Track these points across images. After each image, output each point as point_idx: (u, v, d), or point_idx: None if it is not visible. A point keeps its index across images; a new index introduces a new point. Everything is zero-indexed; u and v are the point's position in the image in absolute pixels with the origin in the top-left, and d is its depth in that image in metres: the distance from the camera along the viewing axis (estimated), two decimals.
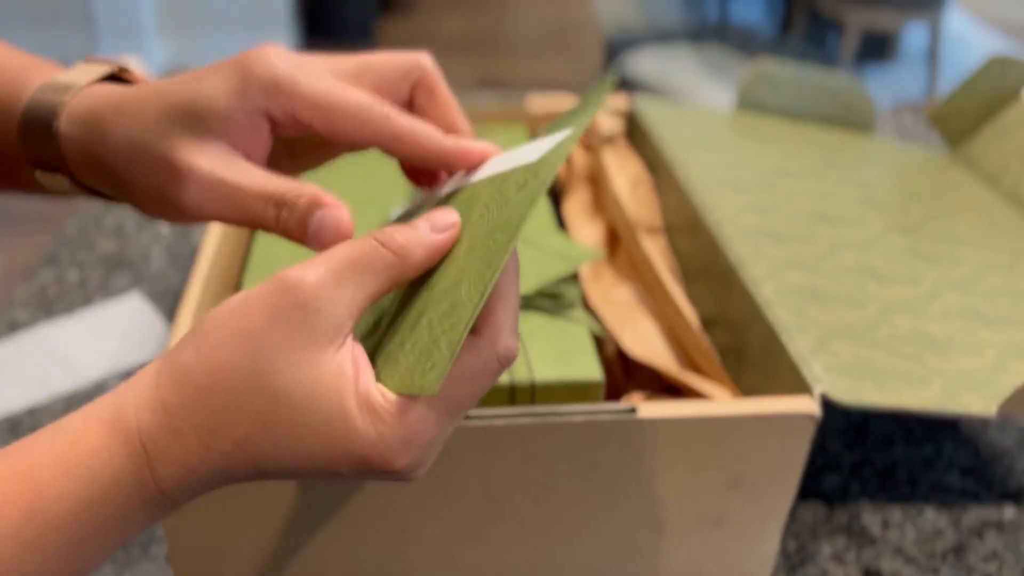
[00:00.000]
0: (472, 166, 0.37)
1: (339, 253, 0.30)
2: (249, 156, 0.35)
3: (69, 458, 0.28)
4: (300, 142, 0.40)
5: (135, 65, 0.39)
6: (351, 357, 0.30)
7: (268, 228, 0.34)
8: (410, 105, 0.38)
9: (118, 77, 0.39)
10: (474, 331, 0.31)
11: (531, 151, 0.36)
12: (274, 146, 0.37)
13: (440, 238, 0.32)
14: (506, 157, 0.37)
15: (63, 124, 0.36)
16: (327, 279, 0.29)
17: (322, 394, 0.29)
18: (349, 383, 0.29)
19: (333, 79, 0.35)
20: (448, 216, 0.33)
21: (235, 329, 0.29)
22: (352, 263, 0.30)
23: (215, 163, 0.34)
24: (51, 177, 0.38)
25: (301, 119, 0.34)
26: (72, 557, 0.29)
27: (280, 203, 0.34)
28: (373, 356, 0.32)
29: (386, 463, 0.30)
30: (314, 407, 0.29)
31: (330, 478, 0.31)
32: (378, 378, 0.31)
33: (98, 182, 0.37)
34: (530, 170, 0.34)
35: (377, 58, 0.38)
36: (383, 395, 0.30)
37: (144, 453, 0.29)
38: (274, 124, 0.35)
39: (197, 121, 0.34)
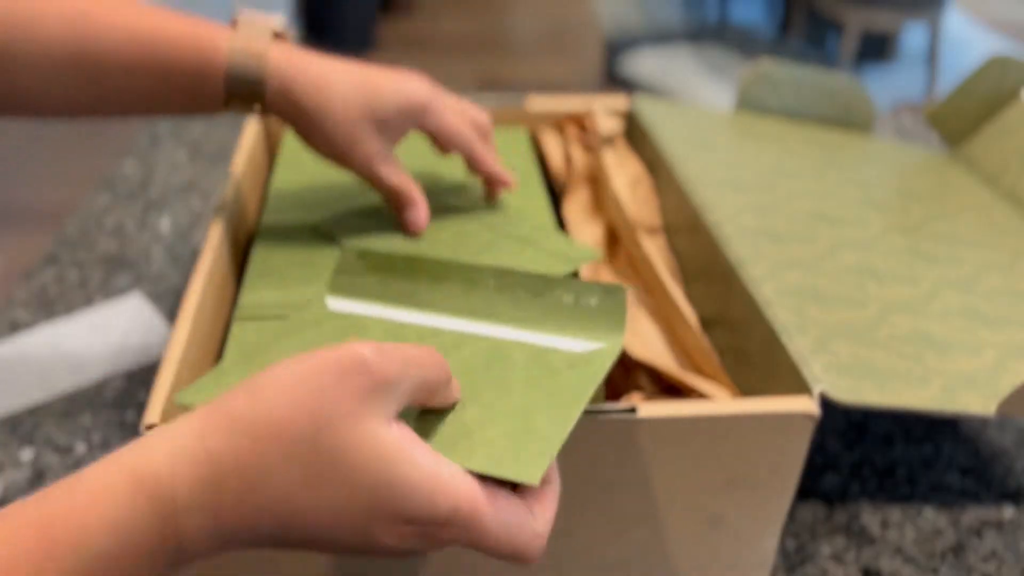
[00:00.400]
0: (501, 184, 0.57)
1: (408, 348, 0.32)
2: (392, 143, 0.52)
3: (88, 509, 0.28)
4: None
5: (281, 24, 0.51)
6: (404, 433, 0.30)
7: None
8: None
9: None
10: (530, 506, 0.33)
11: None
12: None
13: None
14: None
15: (267, 92, 0.49)
16: (397, 371, 0.31)
17: (391, 452, 0.29)
18: (409, 449, 0.30)
19: (454, 114, 0.54)
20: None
21: (300, 385, 0.29)
22: (417, 362, 0.32)
23: (378, 155, 0.51)
24: (244, 107, 0.50)
25: (435, 136, 0.54)
26: None
27: (396, 196, 0.53)
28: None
29: (444, 526, 0.30)
30: (379, 460, 0.29)
31: (355, 542, 0.30)
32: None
33: (286, 116, 0.50)
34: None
35: (383, 96, 0.51)
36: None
37: (172, 503, 0.28)
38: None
39: (381, 125, 0.51)
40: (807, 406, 0.42)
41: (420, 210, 0.54)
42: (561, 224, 0.63)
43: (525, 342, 0.40)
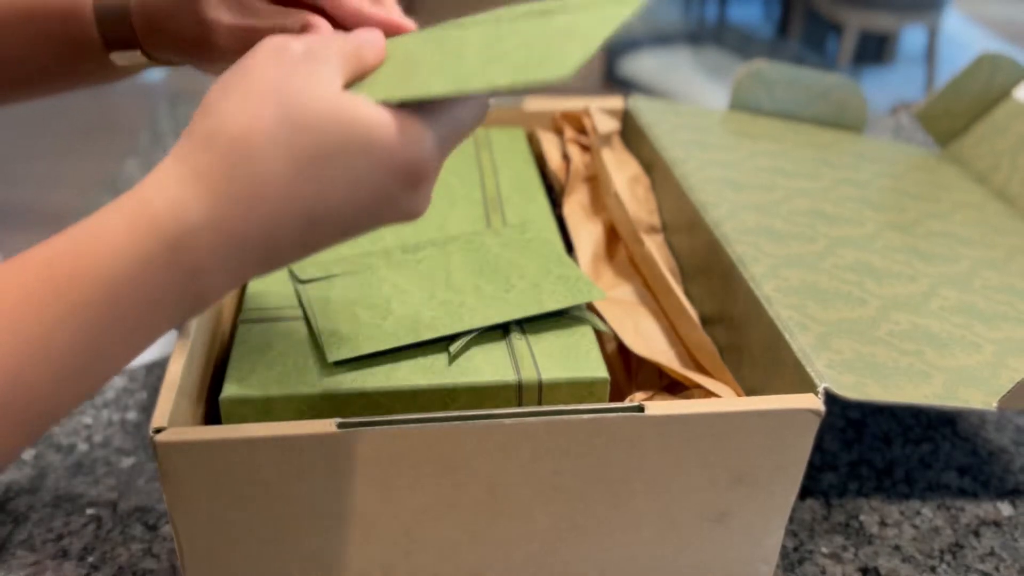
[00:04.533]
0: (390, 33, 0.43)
1: (316, 39, 0.33)
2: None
3: (90, 245, 0.28)
4: None
5: None
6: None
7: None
8: None
9: None
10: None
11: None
12: None
13: (377, 39, 0.36)
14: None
15: (134, 15, 0.45)
16: (313, 40, 0.32)
17: (361, 111, 0.30)
18: (376, 109, 0.30)
19: None
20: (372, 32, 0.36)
21: (243, 83, 0.30)
22: (326, 39, 0.33)
23: (234, 13, 0.43)
24: (127, 55, 0.46)
25: None
26: (99, 342, 0.28)
27: (283, 28, 0.42)
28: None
29: (427, 165, 0.31)
30: (352, 124, 0.29)
31: (376, 213, 0.31)
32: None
33: (161, 46, 0.46)
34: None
35: None
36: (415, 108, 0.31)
37: (174, 228, 0.28)
38: None
39: None
40: (812, 403, 0.42)
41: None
42: (561, 224, 0.64)
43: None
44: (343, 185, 0.30)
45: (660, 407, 0.41)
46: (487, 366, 0.44)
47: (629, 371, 0.54)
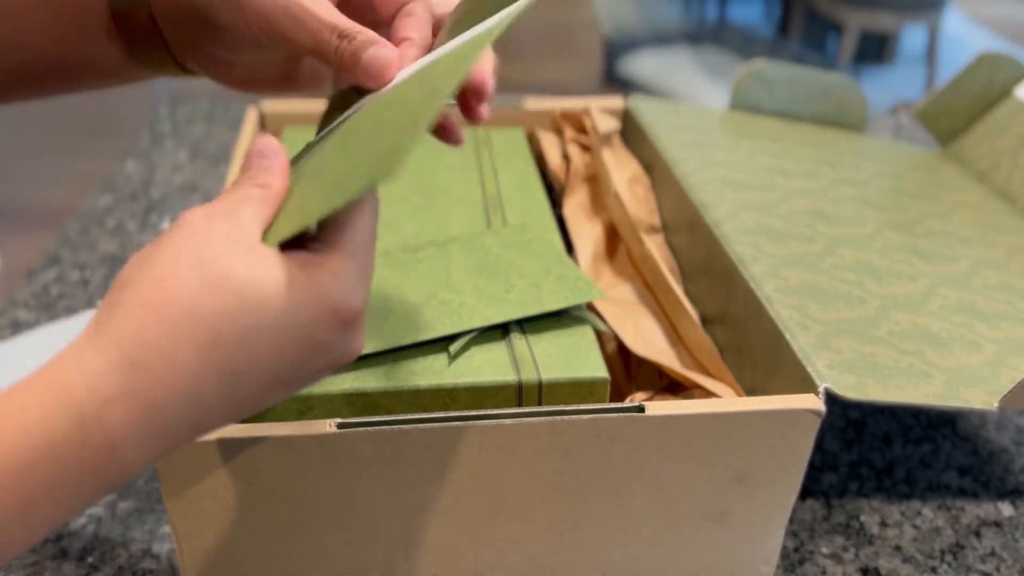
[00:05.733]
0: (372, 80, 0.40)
1: (224, 195, 0.33)
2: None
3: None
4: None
5: None
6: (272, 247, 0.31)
7: (326, 56, 0.39)
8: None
9: None
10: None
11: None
12: None
13: (279, 160, 0.35)
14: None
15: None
16: (224, 203, 0.31)
17: (274, 266, 0.30)
18: (290, 258, 0.30)
19: None
20: (264, 140, 0.35)
21: (165, 251, 0.30)
22: (237, 194, 0.32)
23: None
24: (148, 57, 0.43)
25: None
26: (17, 517, 0.27)
27: (343, 35, 0.38)
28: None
29: (351, 303, 0.31)
30: (271, 279, 0.29)
31: (304, 365, 0.31)
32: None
33: (187, 43, 0.42)
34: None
35: None
36: (322, 241, 0.32)
37: (89, 401, 0.27)
38: None
39: None
40: (812, 403, 0.42)
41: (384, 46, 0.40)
42: (561, 224, 0.63)
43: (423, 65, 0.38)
44: (268, 338, 0.29)
45: (660, 407, 0.41)
46: (487, 366, 0.44)
47: (629, 371, 0.54)
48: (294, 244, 0.32)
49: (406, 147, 0.30)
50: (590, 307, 0.53)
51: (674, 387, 0.52)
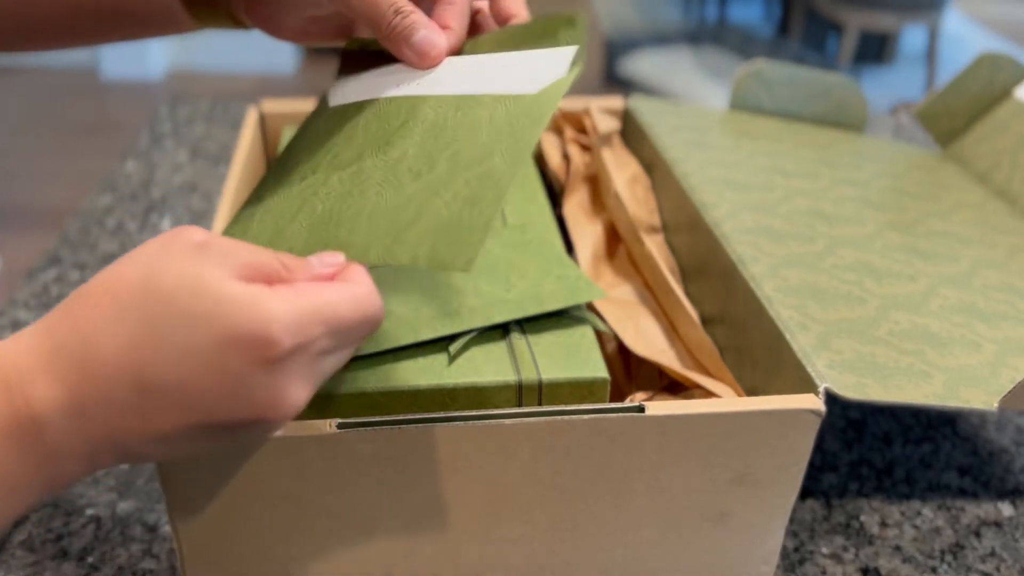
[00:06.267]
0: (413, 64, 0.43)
1: (244, 250, 0.32)
2: None
3: None
4: None
5: None
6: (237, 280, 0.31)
7: (378, 28, 0.40)
8: None
9: None
10: (356, 280, 0.33)
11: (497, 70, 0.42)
12: None
13: (325, 271, 0.35)
14: (466, 69, 0.42)
15: None
16: (221, 240, 0.31)
17: (209, 287, 0.29)
18: (237, 285, 0.30)
19: None
20: (335, 258, 0.35)
21: (127, 259, 0.30)
22: (249, 250, 0.32)
23: None
24: (203, 8, 0.44)
25: None
26: None
27: (399, 11, 0.40)
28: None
29: (276, 337, 0.29)
30: (200, 293, 0.29)
31: (217, 393, 0.29)
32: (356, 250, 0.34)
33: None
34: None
35: None
36: (287, 264, 0.32)
37: (14, 373, 0.28)
38: None
39: None
40: (813, 403, 0.42)
41: (434, 31, 0.42)
42: (561, 224, 0.63)
43: (459, 94, 0.40)
44: (177, 354, 0.29)
45: (660, 407, 0.41)
46: (487, 366, 0.44)
47: (629, 371, 0.54)
48: None
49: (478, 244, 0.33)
50: (590, 307, 0.53)
51: (674, 387, 0.52)
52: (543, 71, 0.40)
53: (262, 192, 0.44)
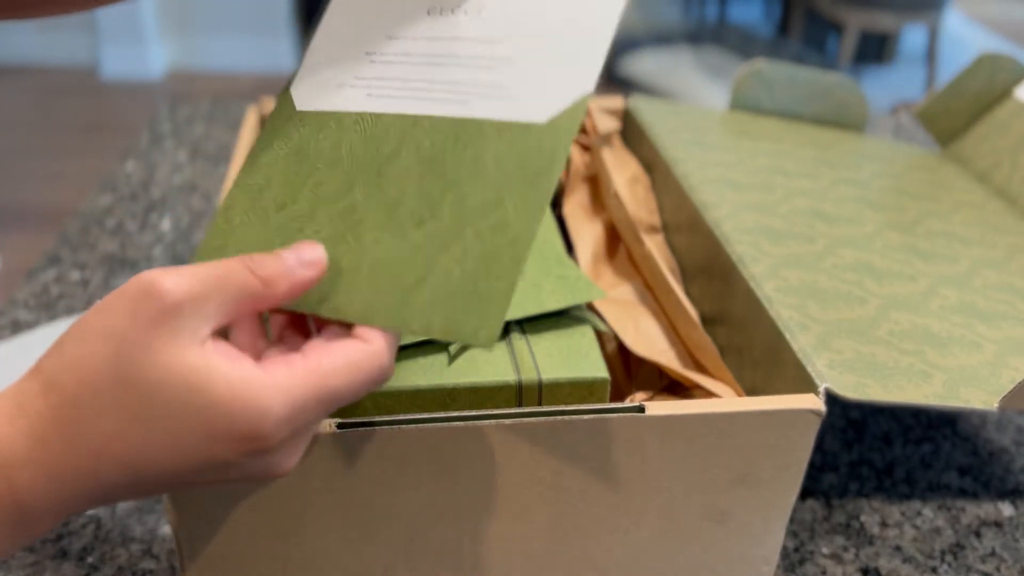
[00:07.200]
0: None
1: (208, 267, 0.31)
2: None
3: None
4: None
5: None
6: (220, 351, 0.30)
7: None
8: None
9: None
10: (366, 338, 0.32)
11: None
12: None
13: (306, 275, 0.33)
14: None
15: None
16: (192, 290, 0.30)
17: (195, 376, 0.29)
18: (223, 368, 0.29)
19: None
20: (315, 252, 0.34)
21: (97, 329, 0.29)
22: (218, 281, 0.31)
23: None
24: None
25: None
26: None
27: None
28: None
29: (268, 432, 0.29)
30: (188, 386, 0.29)
31: (209, 473, 0.30)
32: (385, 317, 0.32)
33: None
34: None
35: None
36: (284, 363, 0.30)
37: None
38: None
39: None
40: (813, 403, 0.42)
41: None
42: (561, 224, 0.63)
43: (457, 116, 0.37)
44: (167, 445, 0.29)
45: (660, 407, 0.41)
46: (487, 366, 0.44)
47: (629, 371, 0.54)
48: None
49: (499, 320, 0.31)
50: (590, 307, 0.53)
51: (674, 387, 0.52)
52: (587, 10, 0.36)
53: (239, 194, 0.40)
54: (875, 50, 3.19)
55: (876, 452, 0.60)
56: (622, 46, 3.19)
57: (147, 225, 0.82)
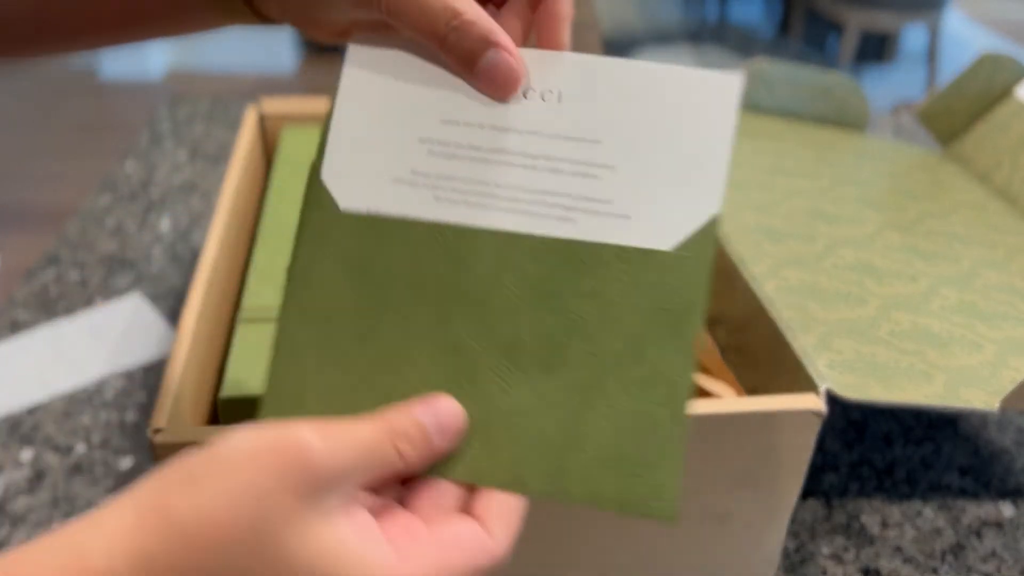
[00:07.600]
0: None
1: (360, 437, 0.29)
2: None
3: None
4: None
5: None
6: (356, 526, 0.29)
7: (436, 43, 0.32)
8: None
9: None
10: (491, 532, 0.31)
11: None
12: None
13: (446, 447, 0.32)
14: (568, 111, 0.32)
15: None
16: (343, 465, 0.29)
17: (332, 558, 0.28)
18: (359, 551, 0.28)
19: None
20: (456, 422, 0.32)
21: (241, 485, 0.28)
22: (367, 457, 0.30)
23: None
24: (229, 5, 0.39)
25: None
26: None
27: (456, 26, 0.32)
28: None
29: None
30: (324, 567, 0.28)
31: None
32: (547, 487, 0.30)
33: None
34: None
35: None
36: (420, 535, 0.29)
37: None
38: None
39: None
40: (813, 403, 0.42)
41: (504, 52, 0.33)
42: None
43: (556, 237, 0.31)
44: None
45: None
46: None
47: None
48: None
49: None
50: None
51: None
52: (694, 107, 0.31)
53: (298, 320, 0.33)
54: (875, 50, 3.19)
55: (877, 452, 0.60)
56: (622, 46, 3.19)
57: (146, 225, 0.82)
